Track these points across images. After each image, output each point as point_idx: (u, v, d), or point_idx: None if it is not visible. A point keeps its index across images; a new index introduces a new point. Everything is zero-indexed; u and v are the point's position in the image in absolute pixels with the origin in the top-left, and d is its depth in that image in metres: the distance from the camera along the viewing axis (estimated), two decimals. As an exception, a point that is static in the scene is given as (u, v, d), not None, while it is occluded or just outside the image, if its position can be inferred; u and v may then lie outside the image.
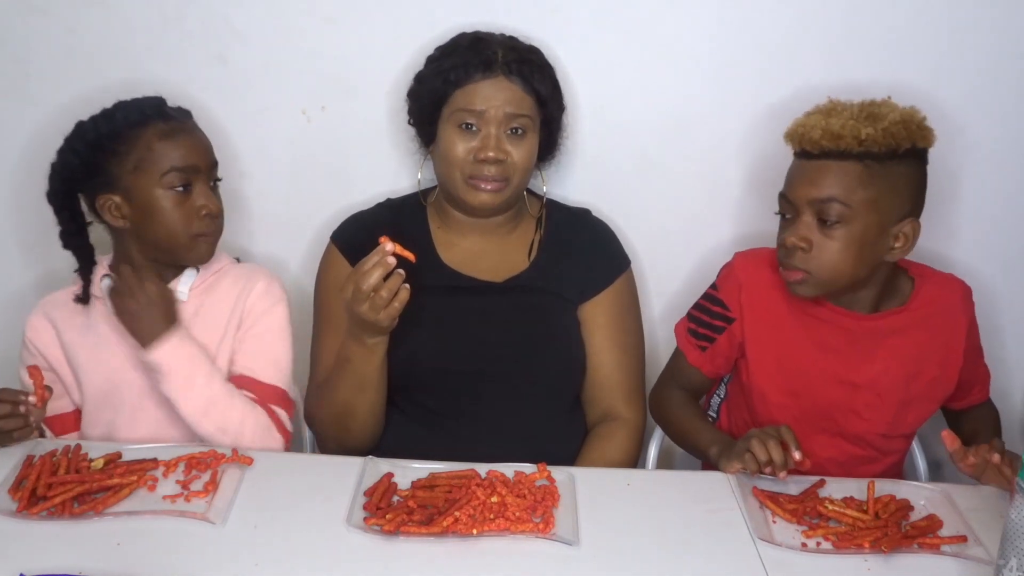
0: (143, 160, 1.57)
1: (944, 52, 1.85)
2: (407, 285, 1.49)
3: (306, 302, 1.82)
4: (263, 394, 1.64)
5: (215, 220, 1.62)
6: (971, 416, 1.81)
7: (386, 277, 1.48)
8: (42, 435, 1.60)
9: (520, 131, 1.67)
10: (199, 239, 1.62)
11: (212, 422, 1.56)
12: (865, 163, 1.52)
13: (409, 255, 1.49)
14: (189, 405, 1.56)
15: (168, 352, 1.55)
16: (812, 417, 1.69)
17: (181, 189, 1.58)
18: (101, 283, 1.64)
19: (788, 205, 1.60)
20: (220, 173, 1.66)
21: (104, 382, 1.65)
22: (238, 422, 1.57)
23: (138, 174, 1.57)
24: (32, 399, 1.50)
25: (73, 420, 1.69)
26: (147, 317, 1.56)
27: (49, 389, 1.54)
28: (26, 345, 1.67)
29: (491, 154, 1.65)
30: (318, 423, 1.71)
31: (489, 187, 1.68)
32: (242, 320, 1.67)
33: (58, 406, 1.67)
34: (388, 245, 1.48)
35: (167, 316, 1.58)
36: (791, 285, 1.61)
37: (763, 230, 1.95)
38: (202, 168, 1.61)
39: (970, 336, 1.72)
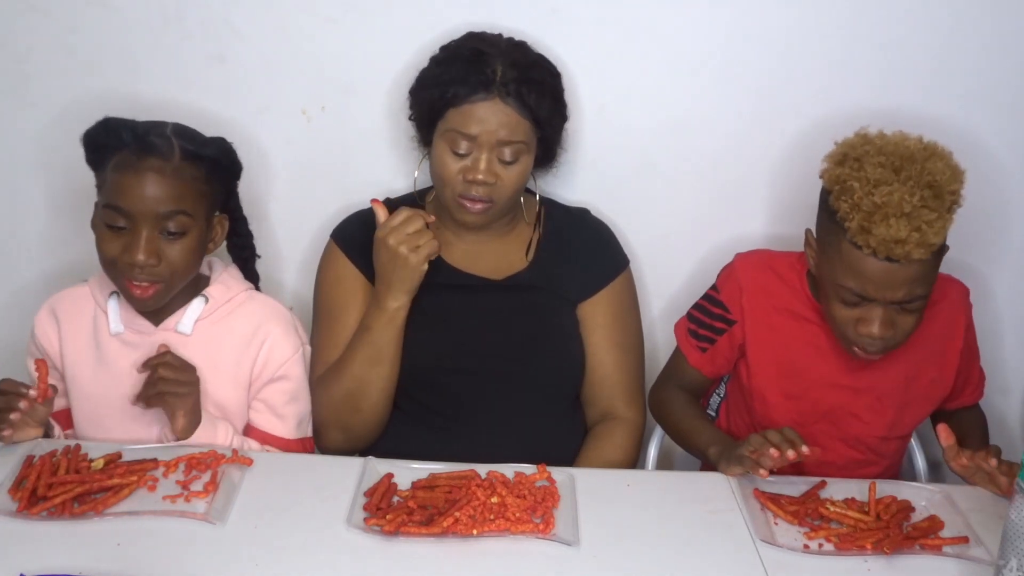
0: (101, 184, 1.52)
1: (948, 67, 1.85)
2: (436, 242, 1.64)
3: (306, 302, 1.81)
4: (287, 449, 1.64)
5: (144, 271, 1.48)
6: (959, 418, 1.78)
7: None
8: (47, 434, 1.56)
9: (512, 155, 1.65)
10: (129, 284, 1.50)
11: None
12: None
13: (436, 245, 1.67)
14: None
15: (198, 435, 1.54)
16: (811, 420, 1.68)
17: (119, 227, 1.48)
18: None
19: (861, 298, 1.52)
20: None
21: (95, 404, 1.61)
22: None
23: (98, 194, 1.53)
24: (33, 393, 1.47)
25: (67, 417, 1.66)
26: (191, 404, 1.52)
27: (54, 388, 1.51)
28: (33, 339, 1.63)
29: (480, 177, 1.63)
30: (324, 409, 1.69)
31: (477, 208, 1.67)
32: (263, 371, 1.62)
33: (62, 402, 1.64)
34: (431, 218, 1.68)
35: (199, 405, 1.54)
36: (860, 355, 1.57)
37: (763, 231, 1.96)
38: (143, 217, 1.47)
39: (967, 337, 1.72)
